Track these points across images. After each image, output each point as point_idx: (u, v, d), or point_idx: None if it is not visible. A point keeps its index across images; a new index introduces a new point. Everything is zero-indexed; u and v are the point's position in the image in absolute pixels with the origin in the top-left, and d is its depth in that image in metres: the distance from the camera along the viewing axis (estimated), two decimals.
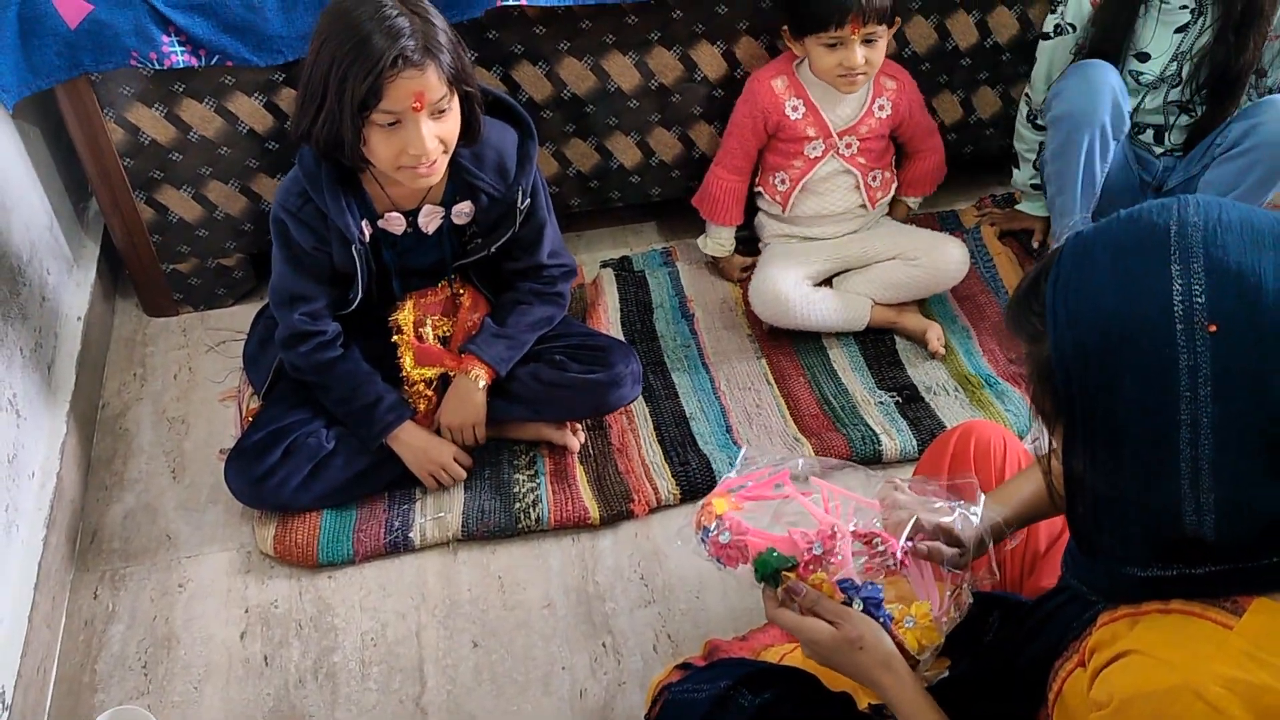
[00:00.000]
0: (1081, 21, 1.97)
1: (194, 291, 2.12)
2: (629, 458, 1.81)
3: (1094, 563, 0.86)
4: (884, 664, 1.01)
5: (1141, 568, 0.80)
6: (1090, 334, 0.75)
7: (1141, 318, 0.73)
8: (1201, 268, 0.72)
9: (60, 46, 1.73)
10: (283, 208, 1.60)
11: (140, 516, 1.76)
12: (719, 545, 1.13)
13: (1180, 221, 0.74)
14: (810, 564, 1.08)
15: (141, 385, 2.00)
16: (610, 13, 1.91)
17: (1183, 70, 1.93)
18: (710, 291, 2.16)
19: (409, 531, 1.70)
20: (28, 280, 1.81)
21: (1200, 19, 1.89)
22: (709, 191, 2.09)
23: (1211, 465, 0.73)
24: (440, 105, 1.46)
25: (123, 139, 1.88)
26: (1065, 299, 0.77)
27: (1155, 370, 0.73)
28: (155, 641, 1.59)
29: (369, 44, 1.38)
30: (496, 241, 1.71)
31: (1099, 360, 0.75)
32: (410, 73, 1.40)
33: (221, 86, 1.86)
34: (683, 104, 2.07)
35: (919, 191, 2.17)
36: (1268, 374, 0.71)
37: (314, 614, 1.62)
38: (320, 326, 1.68)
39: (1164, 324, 0.72)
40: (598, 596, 1.63)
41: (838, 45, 1.86)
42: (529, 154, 1.66)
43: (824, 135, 1.99)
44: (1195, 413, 0.72)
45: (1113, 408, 0.75)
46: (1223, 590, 0.77)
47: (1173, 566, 0.78)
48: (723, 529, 1.13)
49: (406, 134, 1.45)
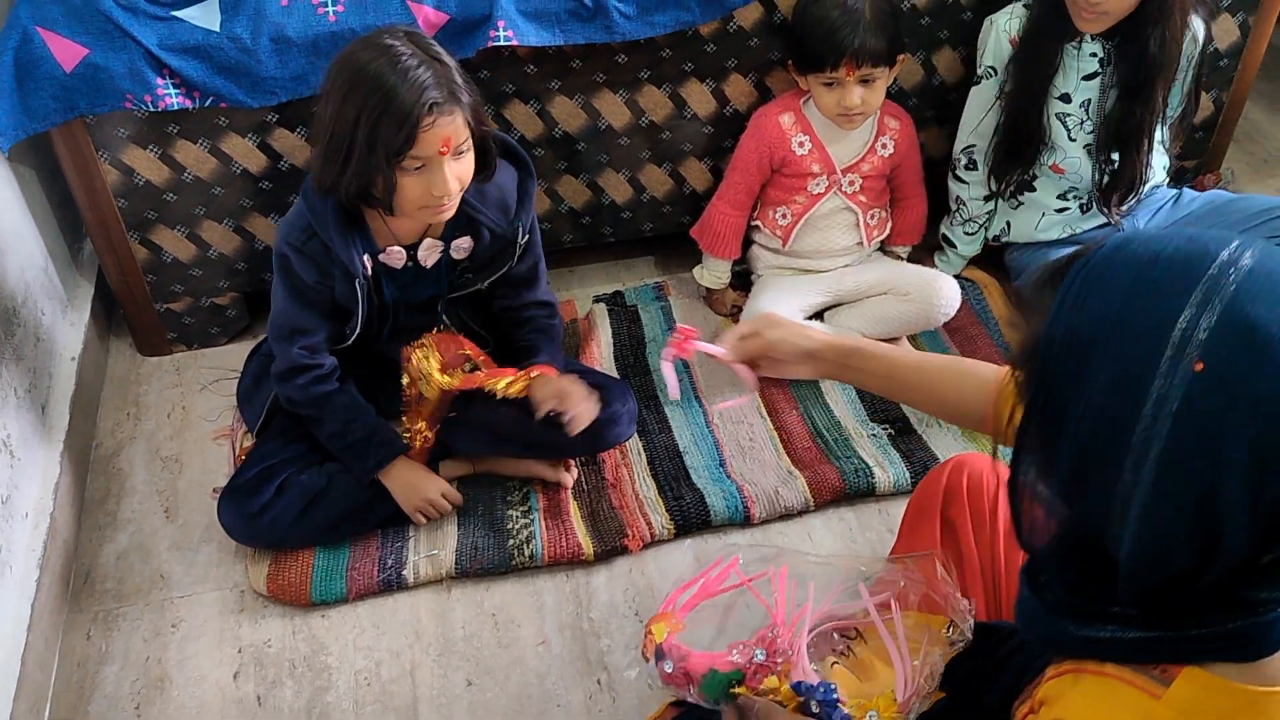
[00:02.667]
0: (1001, 64, 1.98)
1: (188, 330, 2.12)
2: (623, 493, 1.81)
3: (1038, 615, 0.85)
4: None
5: (1076, 625, 0.80)
6: (1085, 325, 0.74)
7: (1138, 328, 0.71)
8: (1221, 307, 0.69)
9: (56, 90, 1.74)
10: (287, 243, 1.61)
11: (133, 556, 1.76)
12: (666, 675, 1.12)
13: (1230, 259, 0.71)
14: (758, 672, 1.06)
15: (135, 424, 2.00)
16: (600, 52, 1.93)
17: (1098, 117, 1.96)
18: (702, 325, 2.17)
19: (402, 569, 1.69)
20: (22, 321, 1.82)
21: (1109, 68, 1.92)
22: (710, 225, 2.11)
23: (1144, 498, 0.71)
24: (462, 147, 1.50)
25: (117, 180, 1.89)
26: (1082, 284, 0.75)
27: (1127, 383, 0.71)
28: (148, 682, 1.58)
29: (397, 96, 1.41)
30: (490, 277, 1.72)
31: (1082, 352, 0.73)
32: (442, 120, 1.44)
33: (215, 128, 1.87)
34: (673, 141, 2.09)
35: (908, 240, 2.19)
36: (1227, 436, 0.68)
37: (307, 653, 1.61)
38: (318, 360, 1.68)
39: (1155, 343, 0.70)
40: (592, 633, 1.63)
41: (835, 85, 1.88)
42: (529, 191, 1.69)
43: (828, 171, 2.01)
44: (1147, 441, 0.70)
45: (1074, 404, 0.74)
46: (1151, 657, 0.76)
47: (1106, 628, 0.78)
48: (665, 658, 1.12)
49: (431, 177, 1.48)
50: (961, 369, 1.25)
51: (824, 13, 1.85)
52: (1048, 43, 1.91)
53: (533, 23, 1.82)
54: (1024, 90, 1.95)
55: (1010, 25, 1.95)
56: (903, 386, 1.26)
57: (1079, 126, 1.98)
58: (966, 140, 2.08)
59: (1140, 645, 0.77)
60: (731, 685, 1.06)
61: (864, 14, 1.83)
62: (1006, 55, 1.97)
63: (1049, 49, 1.92)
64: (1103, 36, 1.90)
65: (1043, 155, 2.02)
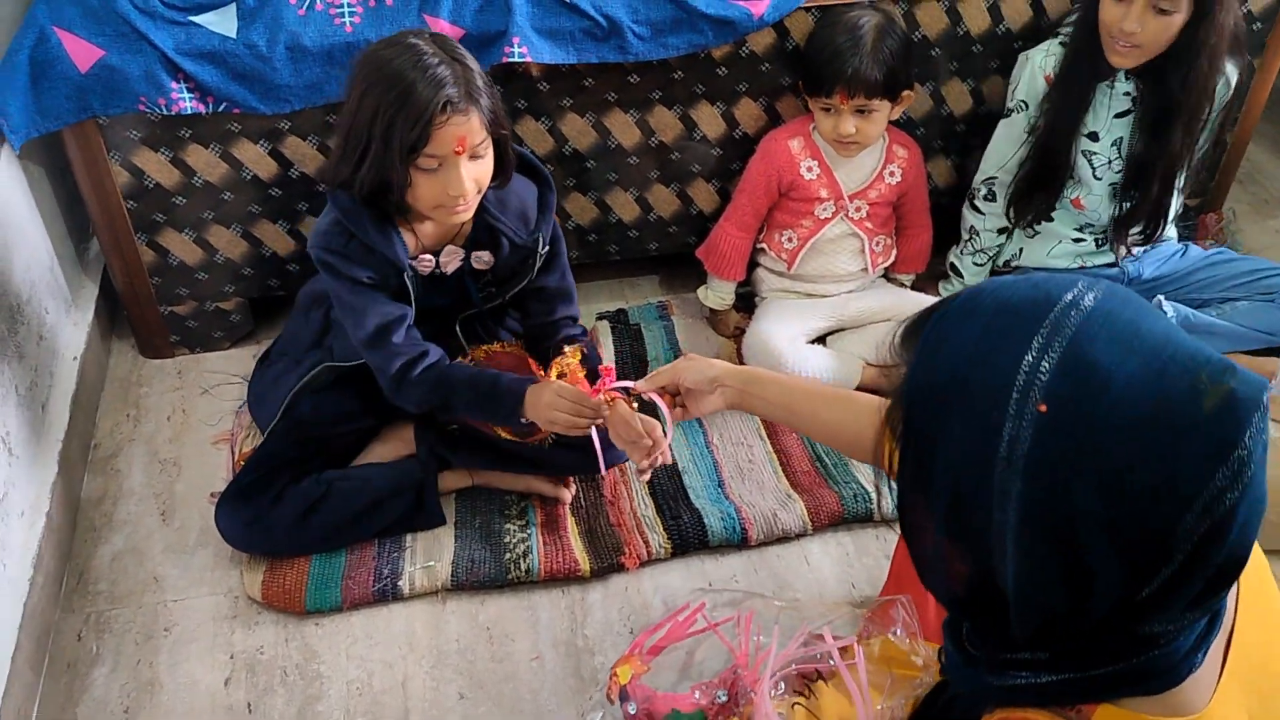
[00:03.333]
0: (1034, 100, 2.00)
1: (191, 334, 2.12)
2: (621, 510, 1.81)
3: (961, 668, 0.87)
4: None
5: (995, 676, 0.81)
6: (940, 374, 0.76)
7: (986, 374, 0.73)
8: (1061, 348, 0.71)
9: (70, 90, 1.75)
10: (328, 250, 1.58)
11: (128, 559, 1.75)
12: (629, 717, 1.14)
13: (1071, 301, 0.73)
14: (720, 713, 1.07)
15: (135, 426, 1.99)
16: (612, 71, 1.94)
17: (1128, 157, 1.98)
18: (704, 346, 2.18)
19: (398, 580, 1.69)
20: (26, 319, 1.82)
21: (1141, 106, 1.94)
22: (716, 247, 2.12)
23: (1014, 539, 0.72)
24: (479, 149, 1.50)
25: (127, 182, 1.90)
26: (938, 334, 0.78)
27: (981, 429, 0.72)
28: (139, 686, 1.57)
29: (414, 92, 1.41)
30: (512, 289, 1.73)
31: (941, 399, 0.75)
32: (457, 119, 1.44)
33: (228, 133, 1.88)
34: (682, 162, 2.11)
35: (912, 269, 2.20)
36: (1076, 475, 0.69)
37: (300, 661, 1.61)
38: (422, 347, 1.63)
39: (1002, 388, 0.71)
40: (587, 650, 1.62)
41: (831, 111, 1.90)
42: (549, 204, 1.71)
43: (836, 197, 2.02)
44: (1006, 482, 0.71)
45: (940, 449, 0.76)
46: (1067, 699, 0.78)
47: (1020, 675, 0.79)
48: (629, 699, 1.13)
49: (447, 176, 1.48)
50: (853, 400, 1.30)
51: (830, 37, 1.87)
52: (1082, 80, 1.93)
53: (548, 40, 1.84)
54: (1055, 127, 1.97)
55: (1046, 62, 1.97)
56: (795, 415, 1.30)
57: (1106, 165, 2.00)
58: (989, 172, 2.10)
59: (1053, 689, 0.78)
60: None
61: (866, 45, 1.84)
62: (1040, 91, 1.98)
63: (1083, 86, 1.94)
64: (1137, 76, 1.92)
65: (1066, 190, 2.04)
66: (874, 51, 1.85)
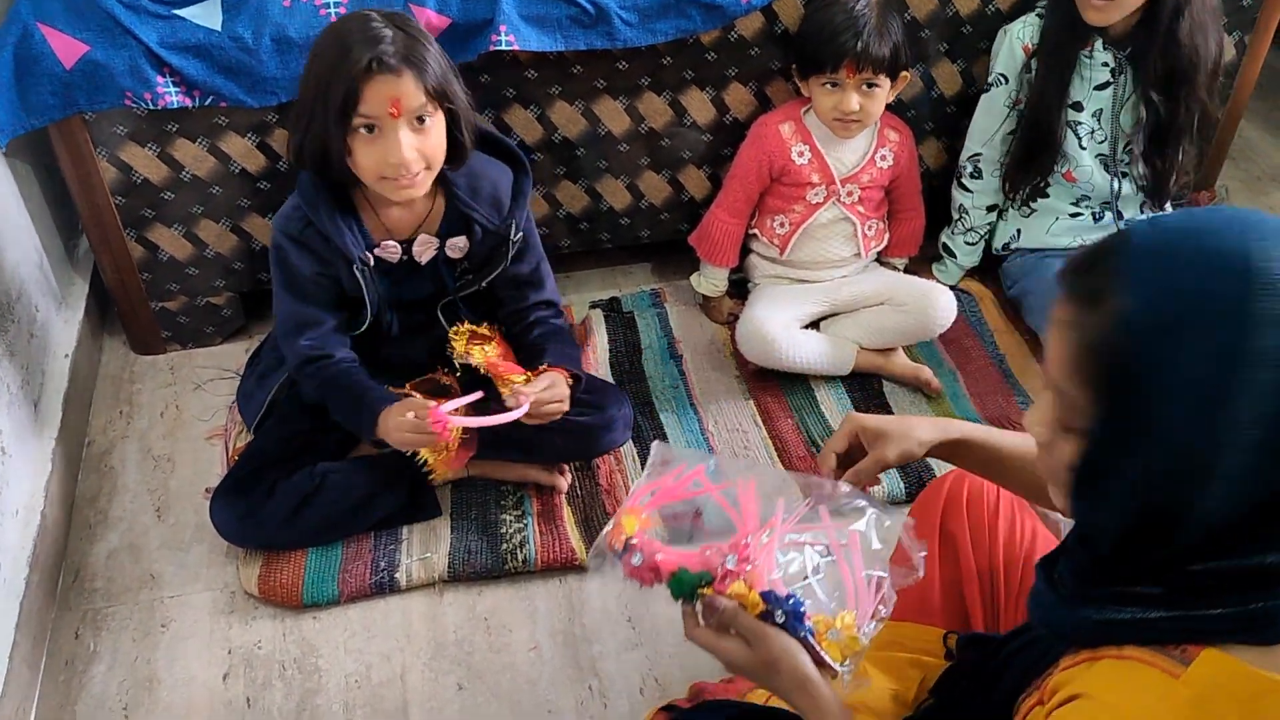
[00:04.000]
0: (1014, 72, 2.00)
1: (182, 329, 2.12)
2: (617, 499, 1.80)
3: (1055, 606, 0.86)
4: (800, 686, 0.97)
5: (1097, 610, 0.80)
6: (1166, 300, 0.72)
7: (1219, 293, 0.70)
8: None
9: (55, 86, 1.74)
10: (283, 233, 1.61)
11: (123, 556, 1.75)
12: (632, 568, 1.08)
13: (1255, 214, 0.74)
14: (726, 577, 1.03)
15: (128, 423, 1.99)
16: (601, 58, 1.93)
17: (1110, 128, 1.98)
18: (698, 333, 2.17)
19: (395, 572, 1.69)
20: (16, 317, 1.81)
21: (1121, 77, 1.94)
22: (708, 233, 2.11)
23: (1257, 446, 0.71)
24: (419, 114, 1.48)
25: (115, 178, 1.89)
26: (1141, 268, 0.74)
27: (1223, 342, 0.70)
28: (136, 683, 1.57)
29: (350, 52, 1.42)
30: (487, 276, 1.72)
31: (1173, 327, 0.72)
32: (385, 76, 1.43)
33: (215, 127, 1.87)
34: (672, 148, 2.10)
35: (904, 252, 2.19)
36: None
37: (298, 655, 1.61)
38: (329, 350, 1.66)
39: (1237, 303, 0.70)
40: (584, 639, 1.62)
41: (835, 88, 1.89)
42: (523, 189, 1.69)
43: (827, 181, 2.02)
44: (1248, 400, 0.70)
45: (1166, 380, 0.72)
46: (1172, 637, 0.77)
47: (1126, 610, 0.78)
48: (634, 551, 1.08)
49: (386, 142, 1.47)
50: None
51: (830, 15, 1.86)
52: (1063, 48, 1.93)
53: (534, 28, 1.83)
54: (1041, 96, 1.97)
55: (1024, 33, 1.97)
56: (1002, 473, 1.21)
57: (1090, 136, 2.00)
58: (973, 149, 2.10)
59: (1161, 624, 0.77)
60: (699, 586, 1.04)
61: (870, 20, 1.85)
62: (1019, 63, 1.98)
63: (1065, 54, 1.94)
64: (1114, 45, 1.92)
65: (1056, 164, 2.04)
66: (879, 27, 1.85)
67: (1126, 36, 1.91)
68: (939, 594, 1.29)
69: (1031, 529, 1.30)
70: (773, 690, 1.01)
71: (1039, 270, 2.10)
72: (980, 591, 1.27)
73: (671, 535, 1.12)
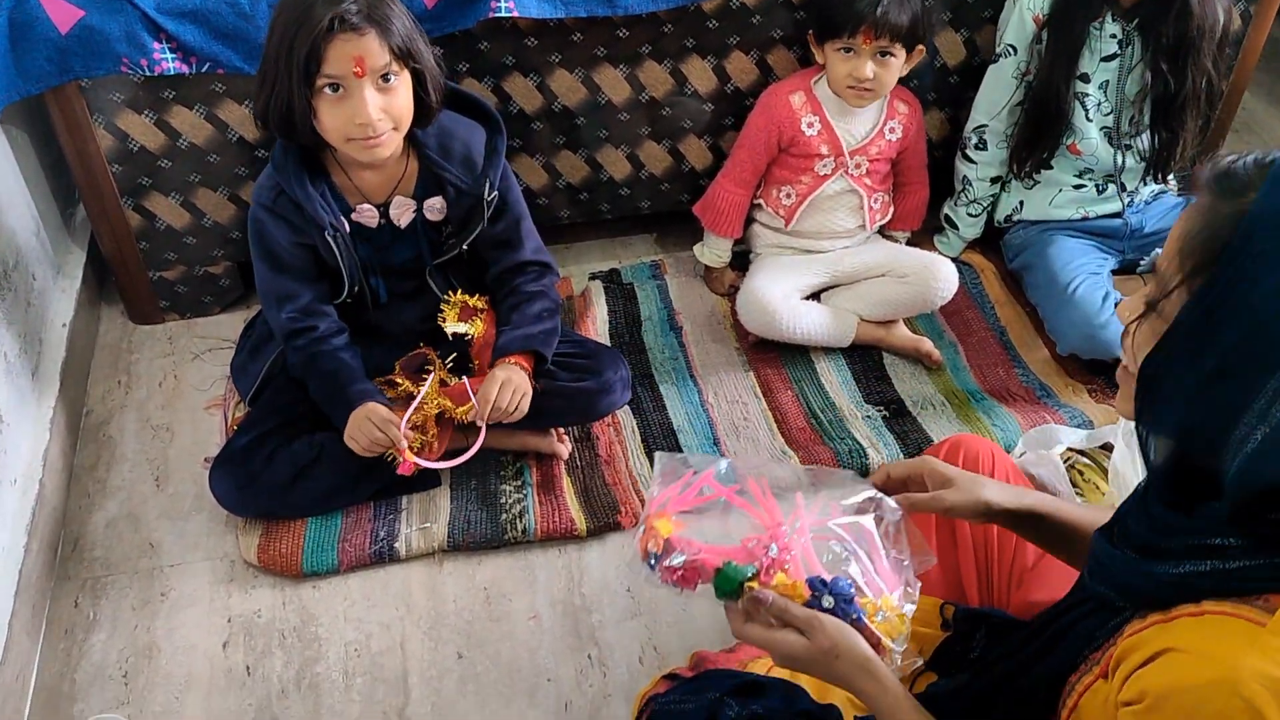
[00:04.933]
0: (1024, 43, 1.99)
1: (180, 299, 2.11)
2: (616, 469, 1.80)
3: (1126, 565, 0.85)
4: (863, 669, 0.96)
5: (1175, 564, 0.80)
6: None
7: None
8: None
9: (51, 52, 1.72)
10: (258, 204, 1.62)
11: (123, 525, 1.75)
12: (672, 570, 1.06)
13: None
14: (770, 568, 1.02)
15: (126, 393, 1.98)
16: (601, 25, 1.91)
17: (1116, 100, 1.96)
18: (698, 304, 2.17)
19: (394, 542, 1.69)
20: (13, 286, 1.80)
21: (1129, 49, 1.93)
22: (713, 203, 2.10)
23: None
24: (384, 72, 1.47)
25: (112, 145, 1.87)
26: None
27: None
28: (136, 651, 1.57)
29: (312, 10, 1.41)
30: (468, 238, 1.70)
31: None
32: (348, 35, 1.42)
33: (212, 94, 1.85)
34: (673, 118, 2.08)
35: (908, 225, 2.18)
36: None
37: (297, 624, 1.61)
38: (312, 322, 1.67)
39: None
40: (584, 608, 1.62)
41: (850, 54, 1.88)
42: (496, 148, 1.67)
43: (836, 153, 2.00)
44: None
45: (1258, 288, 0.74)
46: (1254, 587, 0.76)
47: (1206, 562, 0.78)
48: (672, 552, 1.06)
49: (352, 102, 1.46)
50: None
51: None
52: (1074, 19, 1.92)
53: None
54: (1050, 68, 1.96)
55: (1034, 3, 1.96)
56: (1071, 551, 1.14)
57: (1096, 108, 1.99)
58: (980, 120, 2.08)
59: (1243, 574, 0.76)
60: (746, 580, 1.02)
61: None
62: (1029, 34, 1.97)
63: (1076, 26, 1.92)
64: (1123, 17, 1.91)
65: (1063, 136, 2.03)
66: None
67: (1136, 7, 1.90)
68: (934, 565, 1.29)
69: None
70: (834, 679, 0.99)
71: (1040, 244, 2.09)
72: (975, 561, 1.27)
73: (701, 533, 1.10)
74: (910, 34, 1.87)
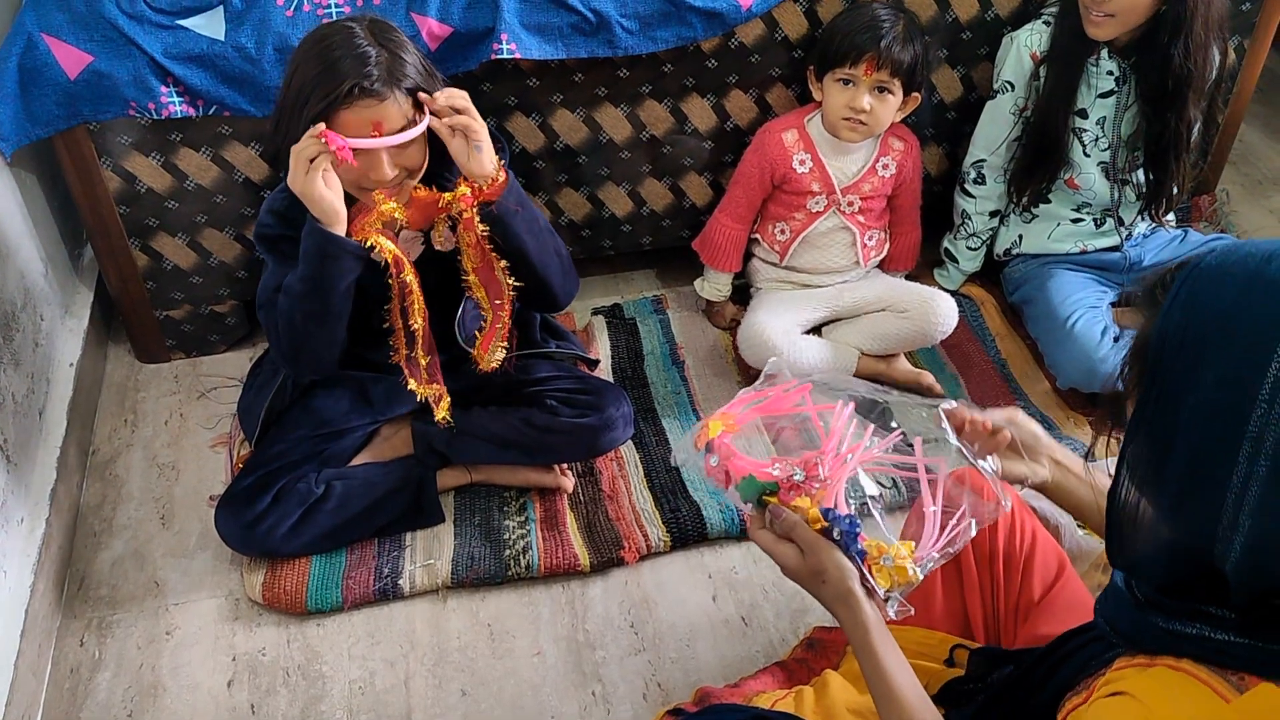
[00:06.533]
0: (1021, 80, 2.01)
1: (186, 338, 2.12)
2: (619, 504, 1.81)
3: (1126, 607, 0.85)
4: (841, 599, 1.03)
5: (1165, 619, 0.80)
6: (1198, 321, 0.75)
7: (1254, 320, 0.72)
8: None
9: (60, 96, 1.75)
10: (270, 210, 1.60)
11: (128, 563, 1.75)
12: (710, 467, 1.16)
13: None
14: (791, 490, 1.10)
15: (132, 431, 2.00)
16: (602, 66, 1.94)
17: (1113, 135, 1.99)
18: (700, 339, 2.18)
19: (398, 578, 1.69)
20: (21, 326, 1.82)
21: (1125, 86, 1.95)
22: (711, 238, 2.12)
23: (1260, 489, 0.71)
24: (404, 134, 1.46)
25: (119, 187, 1.90)
26: (1194, 283, 0.76)
27: (1244, 370, 0.72)
28: (141, 690, 1.58)
29: (335, 69, 1.40)
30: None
31: (1196, 344, 0.74)
32: (368, 102, 1.42)
33: (218, 136, 1.88)
34: (673, 155, 2.10)
35: (901, 267, 2.20)
36: None
37: (302, 662, 1.61)
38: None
39: (1272, 327, 0.71)
40: (588, 645, 1.63)
41: (850, 85, 1.90)
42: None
43: (828, 191, 2.02)
44: (1263, 428, 0.71)
45: (1186, 396, 0.75)
46: (1234, 664, 0.76)
47: (1194, 625, 0.78)
48: (712, 453, 1.16)
49: (367, 161, 1.46)
50: None
51: (859, 16, 1.89)
52: (1072, 56, 1.94)
53: (536, 36, 1.84)
54: (1048, 103, 1.98)
55: (1032, 40, 1.98)
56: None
57: (1094, 143, 2.01)
58: (978, 155, 2.10)
59: (1226, 649, 0.76)
60: (765, 494, 1.11)
61: (899, 27, 1.88)
62: (1027, 71, 1.99)
63: (1073, 62, 1.95)
64: (1119, 54, 1.93)
65: (1060, 170, 2.05)
66: (904, 36, 1.88)
67: (1131, 47, 1.92)
68: (940, 599, 1.29)
69: (1032, 531, 1.30)
70: (819, 599, 1.07)
71: (1040, 278, 2.10)
72: (981, 598, 1.27)
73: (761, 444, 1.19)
74: (909, 74, 1.90)
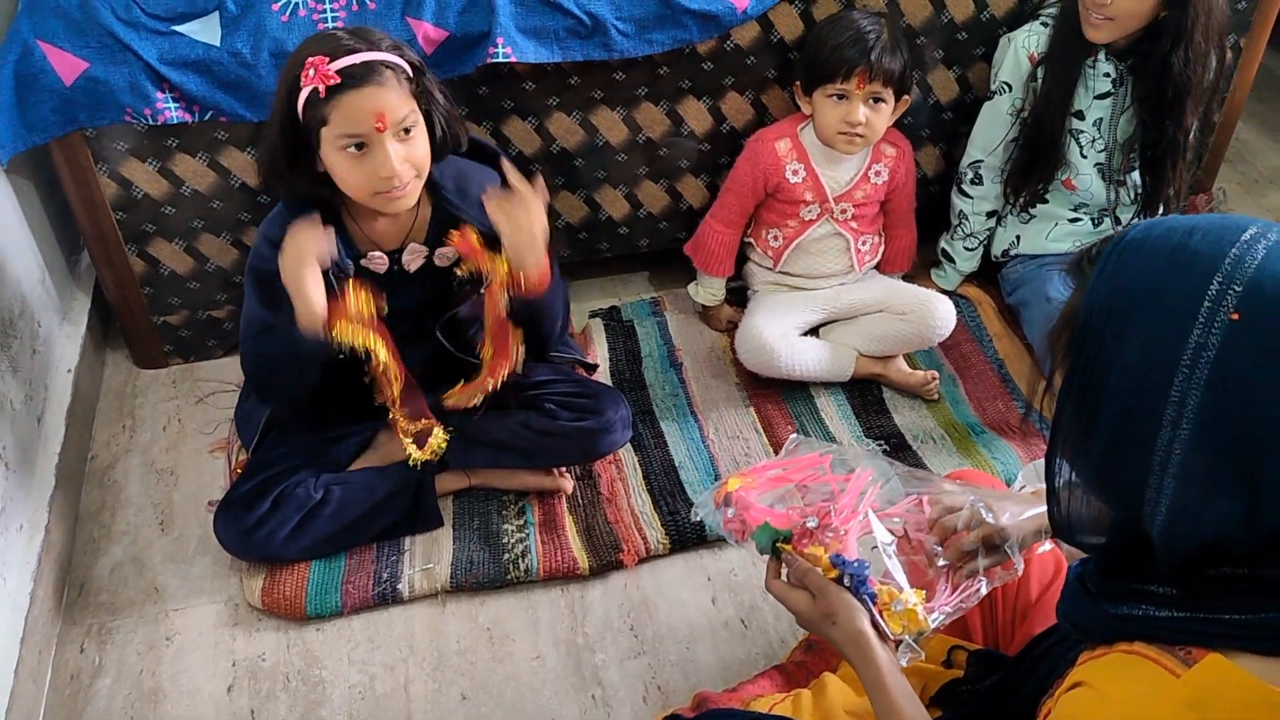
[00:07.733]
0: (1019, 81, 2.01)
1: (184, 343, 2.12)
2: (618, 507, 1.81)
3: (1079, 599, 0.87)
4: (851, 639, 1.06)
5: (1114, 605, 0.82)
6: (1125, 289, 0.77)
7: (1176, 287, 0.74)
8: (1254, 267, 0.73)
9: (56, 103, 1.75)
10: (265, 238, 1.59)
11: (128, 569, 1.75)
12: (726, 519, 1.22)
13: (1258, 232, 0.75)
14: (804, 537, 1.15)
15: (131, 437, 2.00)
16: (598, 69, 1.94)
17: (1109, 137, 1.99)
18: (698, 341, 2.18)
19: (397, 583, 1.69)
20: (19, 333, 1.82)
21: (1121, 89, 1.95)
22: (702, 243, 2.12)
23: (1182, 453, 0.74)
24: (405, 124, 1.47)
25: (116, 193, 1.90)
26: (1120, 254, 0.79)
27: (1167, 337, 0.74)
28: (142, 696, 1.58)
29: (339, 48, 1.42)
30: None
31: (1122, 313, 0.77)
32: (369, 90, 1.42)
33: (214, 141, 1.88)
34: (670, 158, 2.11)
35: (896, 269, 2.20)
36: (1264, 388, 0.71)
37: (301, 667, 1.61)
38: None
39: (1192, 298, 0.73)
40: (587, 648, 1.63)
41: (842, 99, 1.90)
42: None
43: (821, 200, 2.02)
44: (1185, 393, 0.73)
45: (1115, 363, 0.77)
46: (1180, 638, 0.77)
47: (1140, 606, 0.80)
48: (730, 505, 1.22)
49: (375, 158, 1.46)
50: None
51: (841, 29, 1.88)
52: (1069, 57, 1.94)
53: (532, 40, 1.84)
54: (1046, 104, 1.98)
55: (1029, 41, 1.98)
56: None
57: (1090, 145, 2.01)
58: (975, 155, 2.10)
59: (1170, 624, 0.78)
60: (778, 541, 1.17)
61: (884, 36, 1.87)
62: (1025, 72, 1.99)
63: (1071, 64, 1.95)
64: (1116, 57, 1.94)
65: (1057, 171, 2.05)
66: (891, 44, 1.88)
67: (1128, 50, 1.92)
68: None
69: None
70: (831, 642, 1.10)
71: (1037, 280, 2.10)
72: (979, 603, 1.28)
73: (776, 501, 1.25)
74: (900, 80, 1.90)
